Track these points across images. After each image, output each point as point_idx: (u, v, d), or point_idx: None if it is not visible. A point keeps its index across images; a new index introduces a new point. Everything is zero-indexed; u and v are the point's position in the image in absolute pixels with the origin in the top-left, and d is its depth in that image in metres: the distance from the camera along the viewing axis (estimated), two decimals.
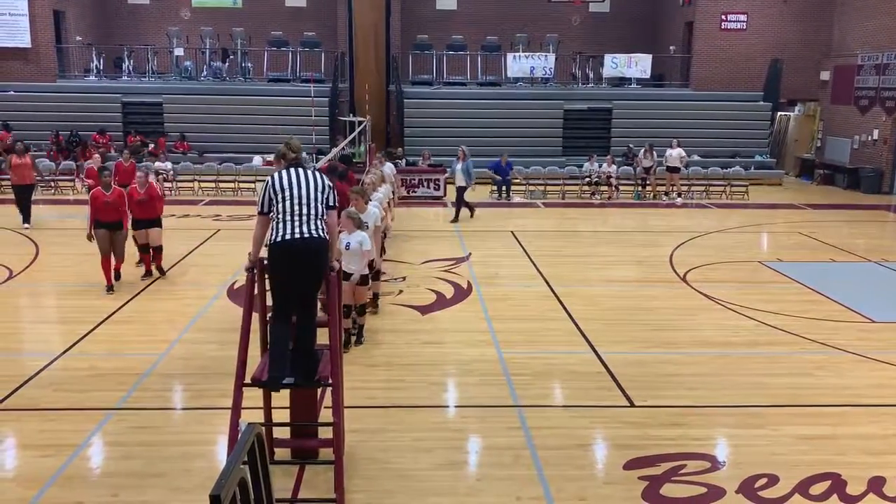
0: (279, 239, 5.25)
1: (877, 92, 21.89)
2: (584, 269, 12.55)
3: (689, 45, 25.52)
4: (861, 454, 6.27)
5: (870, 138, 22.22)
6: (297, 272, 5.31)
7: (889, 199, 20.65)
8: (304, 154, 6.29)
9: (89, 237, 10.39)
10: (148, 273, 11.21)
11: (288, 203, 5.30)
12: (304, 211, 5.29)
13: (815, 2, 24.37)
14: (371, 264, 8.75)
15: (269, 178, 5.48)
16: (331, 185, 5.51)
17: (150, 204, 10.92)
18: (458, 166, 16.36)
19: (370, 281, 8.87)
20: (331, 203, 5.48)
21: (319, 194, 5.38)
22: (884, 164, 21.66)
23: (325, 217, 5.39)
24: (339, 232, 8.14)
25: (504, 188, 19.66)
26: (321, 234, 5.31)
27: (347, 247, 8.11)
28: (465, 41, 25.60)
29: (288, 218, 5.27)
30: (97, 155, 14.66)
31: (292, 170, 5.46)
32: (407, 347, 8.58)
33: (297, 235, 5.22)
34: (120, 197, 10.42)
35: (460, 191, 16.36)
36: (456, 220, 16.14)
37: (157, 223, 11.09)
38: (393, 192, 12.69)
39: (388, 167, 13.95)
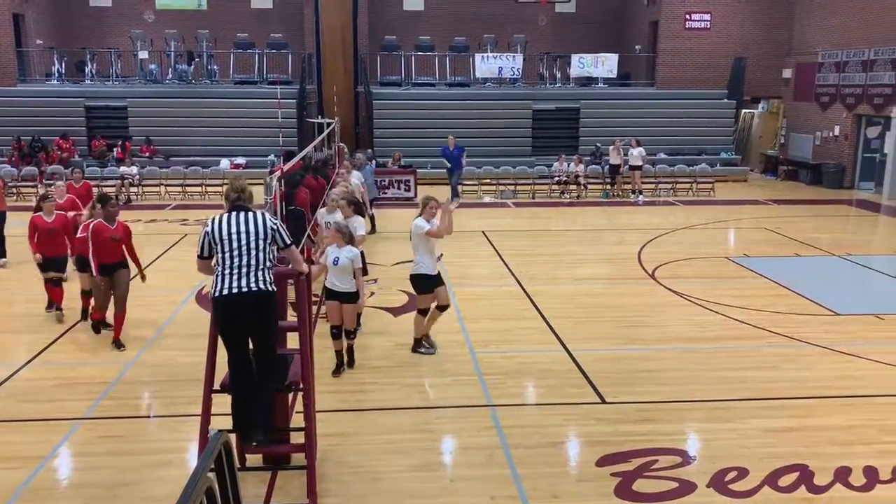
0: (218, 294, 4.95)
1: (837, 89, 22.32)
2: (555, 267, 12.62)
3: (655, 45, 25.81)
4: (827, 445, 6.39)
5: (831, 134, 22.65)
6: (242, 328, 5.06)
7: (851, 194, 21.07)
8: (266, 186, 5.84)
9: (98, 283, 8.55)
10: (85, 318, 9.28)
11: (227, 255, 4.98)
12: (245, 262, 4.96)
13: (776, 1, 24.79)
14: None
15: (207, 222, 5.14)
16: (275, 226, 5.14)
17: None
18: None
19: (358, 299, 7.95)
20: (282, 243, 5.18)
21: (261, 241, 5.03)
22: (845, 159, 22.09)
23: (270, 266, 5.09)
24: (326, 246, 7.89)
25: (454, 177, 18.77)
26: (264, 286, 4.99)
27: (336, 262, 7.59)
28: (433, 42, 25.62)
29: (227, 271, 4.96)
30: (61, 183, 11.60)
31: (233, 215, 5.09)
32: (380, 350, 8.55)
33: (235, 290, 4.91)
34: (126, 230, 8.72)
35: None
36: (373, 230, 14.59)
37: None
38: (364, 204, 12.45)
39: (356, 176, 13.59)
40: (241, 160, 22.00)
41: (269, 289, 5.03)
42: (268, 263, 5.07)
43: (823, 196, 20.61)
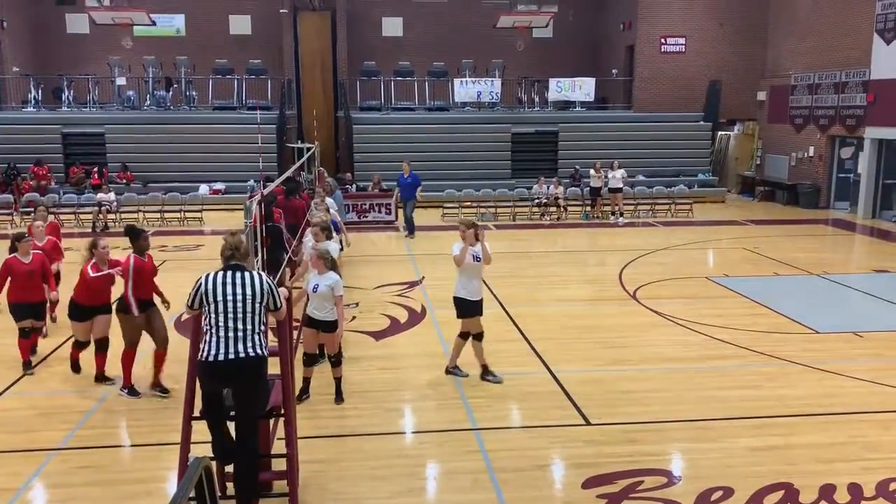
0: (208, 358, 4.81)
1: (810, 111, 22.71)
2: (537, 289, 12.62)
3: (631, 68, 26.15)
4: (812, 463, 6.39)
5: (806, 155, 23.00)
6: (229, 393, 4.94)
7: (826, 214, 21.35)
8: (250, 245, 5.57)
9: (127, 319, 7.64)
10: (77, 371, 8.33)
11: (221, 317, 4.82)
12: (239, 325, 4.82)
13: (749, 25, 25.28)
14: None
15: (202, 276, 5.00)
16: (270, 288, 5.02)
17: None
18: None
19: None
20: (273, 307, 5.06)
21: (257, 305, 4.90)
22: (820, 179, 22.42)
23: (263, 329, 4.97)
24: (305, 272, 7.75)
25: (408, 208, 17.25)
26: (258, 350, 4.87)
27: (315, 289, 7.33)
28: (412, 67, 25.78)
29: (221, 333, 4.81)
30: (40, 223, 9.92)
31: (229, 275, 4.93)
32: (362, 374, 8.47)
33: (232, 356, 4.78)
34: (153, 262, 8.05)
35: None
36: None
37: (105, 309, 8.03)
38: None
39: (330, 202, 13.16)
40: (220, 186, 21.91)
41: (262, 353, 4.91)
42: (261, 327, 4.93)
43: (800, 216, 20.87)
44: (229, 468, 5.40)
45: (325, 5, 25.55)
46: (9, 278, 8.41)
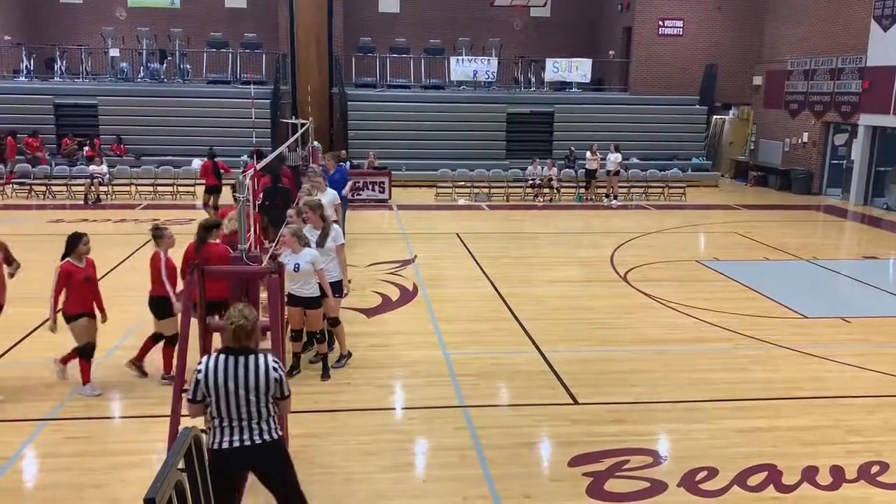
0: (218, 447, 4.32)
1: (805, 96, 22.70)
2: (529, 269, 12.67)
3: (628, 50, 26.04)
4: (795, 445, 6.47)
5: (800, 141, 23.03)
6: (238, 482, 4.50)
7: (819, 200, 21.42)
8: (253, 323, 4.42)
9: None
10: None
11: (224, 407, 4.29)
12: (245, 414, 4.32)
13: (747, 9, 25.17)
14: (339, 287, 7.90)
15: (199, 367, 4.31)
16: (279, 377, 4.38)
17: None
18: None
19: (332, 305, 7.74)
20: (280, 394, 4.44)
21: (262, 395, 4.33)
22: (813, 165, 22.46)
23: (275, 412, 4.46)
24: (283, 251, 7.61)
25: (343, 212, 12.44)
26: (271, 434, 4.40)
27: (297, 268, 7.25)
28: (409, 44, 25.61)
29: (226, 423, 4.32)
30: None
31: (231, 361, 4.29)
32: (353, 350, 8.50)
33: (237, 444, 4.31)
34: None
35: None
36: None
37: None
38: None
39: (329, 194, 11.00)
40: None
41: (275, 437, 4.45)
42: (272, 412, 4.43)
43: (792, 202, 20.93)
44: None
45: None
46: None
